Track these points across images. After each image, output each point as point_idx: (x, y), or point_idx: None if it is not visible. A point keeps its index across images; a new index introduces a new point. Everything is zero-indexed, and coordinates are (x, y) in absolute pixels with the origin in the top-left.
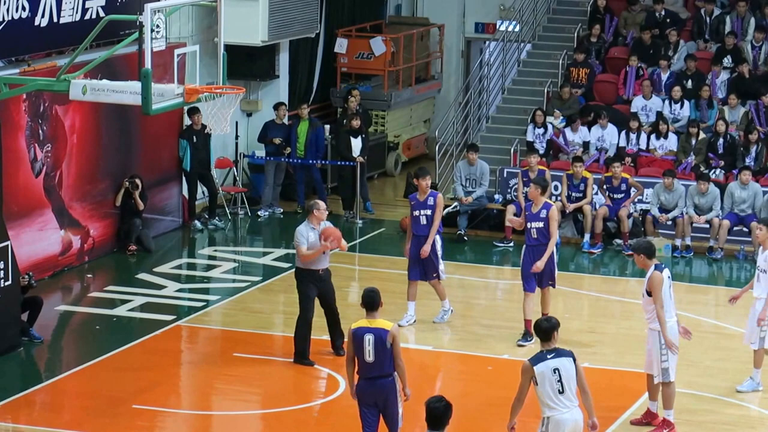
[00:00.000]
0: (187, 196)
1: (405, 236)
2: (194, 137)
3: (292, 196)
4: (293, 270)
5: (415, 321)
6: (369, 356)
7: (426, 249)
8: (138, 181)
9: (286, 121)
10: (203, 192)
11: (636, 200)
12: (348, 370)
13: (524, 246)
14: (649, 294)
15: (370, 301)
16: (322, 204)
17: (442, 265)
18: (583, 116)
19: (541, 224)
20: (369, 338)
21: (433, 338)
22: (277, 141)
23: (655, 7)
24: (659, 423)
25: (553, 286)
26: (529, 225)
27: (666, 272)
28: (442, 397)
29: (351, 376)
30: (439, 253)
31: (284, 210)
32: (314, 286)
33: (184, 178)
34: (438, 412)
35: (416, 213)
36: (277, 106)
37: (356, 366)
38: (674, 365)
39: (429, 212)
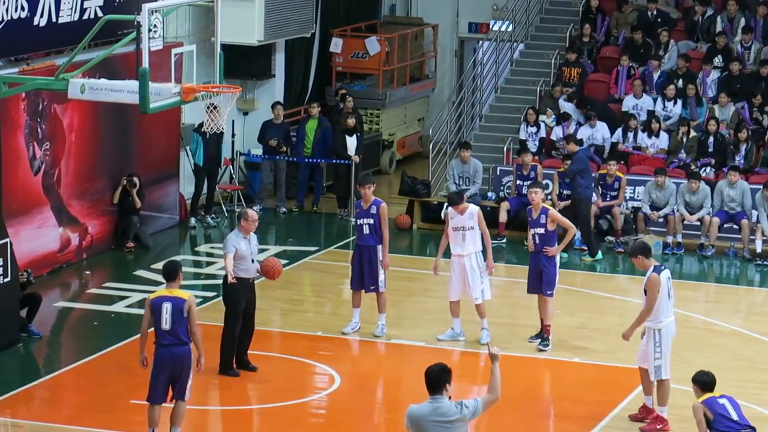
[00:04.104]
0: (184, 194)
1: (398, 233)
2: (207, 133)
3: (289, 194)
4: (291, 265)
5: (359, 327)
6: (165, 324)
7: (386, 262)
8: (135, 179)
9: (282, 119)
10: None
11: (627, 197)
12: (141, 339)
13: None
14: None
15: (170, 272)
16: (251, 213)
17: (382, 277)
18: (581, 108)
19: (542, 230)
20: (167, 306)
21: (426, 335)
22: (273, 143)
23: (649, 6)
24: (653, 418)
25: (551, 296)
26: (532, 231)
27: (665, 274)
28: (440, 363)
29: (143, 345)
30: (380, 264)
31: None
32: (244, 296)
33: (191, 173)
34: (432, 374)
35: (359, 222)
36: (274, 106)
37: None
38: (667, 363)
39: (372, 221)
